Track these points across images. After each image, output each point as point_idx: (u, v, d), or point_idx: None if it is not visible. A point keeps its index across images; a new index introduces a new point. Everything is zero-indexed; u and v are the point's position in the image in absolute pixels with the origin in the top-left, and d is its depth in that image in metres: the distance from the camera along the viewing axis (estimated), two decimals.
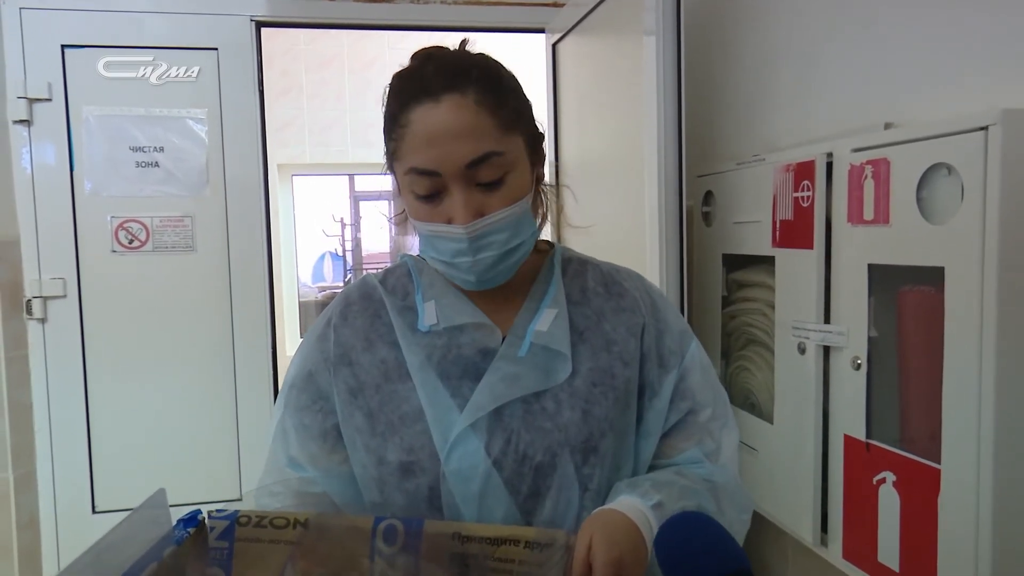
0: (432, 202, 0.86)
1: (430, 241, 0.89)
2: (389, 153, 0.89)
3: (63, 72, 2.32)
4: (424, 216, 0.87)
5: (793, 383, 1.69)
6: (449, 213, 0.85)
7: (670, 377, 0.95)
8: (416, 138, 0.83)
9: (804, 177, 1.61)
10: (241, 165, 2.45)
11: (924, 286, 1.35)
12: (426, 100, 0.82)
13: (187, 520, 0.80)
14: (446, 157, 0.82)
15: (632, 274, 1.03)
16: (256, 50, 2.45)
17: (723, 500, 0.91)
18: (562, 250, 1.03)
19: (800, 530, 1.69)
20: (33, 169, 2.32)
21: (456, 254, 0.86)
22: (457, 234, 0.84)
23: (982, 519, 1.23)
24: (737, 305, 2.00)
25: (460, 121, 0.82)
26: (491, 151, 0.83)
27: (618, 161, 2.13)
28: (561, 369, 0.90)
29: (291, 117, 5.12)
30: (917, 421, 1.41)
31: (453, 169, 0.83)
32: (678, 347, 0.97)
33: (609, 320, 0.95)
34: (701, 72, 2.18)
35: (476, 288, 0.90)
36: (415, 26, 2.58)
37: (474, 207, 0.84)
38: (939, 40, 1.42)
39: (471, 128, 0.82)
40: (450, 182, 0.84)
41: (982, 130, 1.18)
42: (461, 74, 0.84)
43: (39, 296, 2.32)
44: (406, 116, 0.84)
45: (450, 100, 0.82)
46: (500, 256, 0.87)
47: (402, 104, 0.85)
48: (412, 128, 0.83)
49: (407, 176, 0.86)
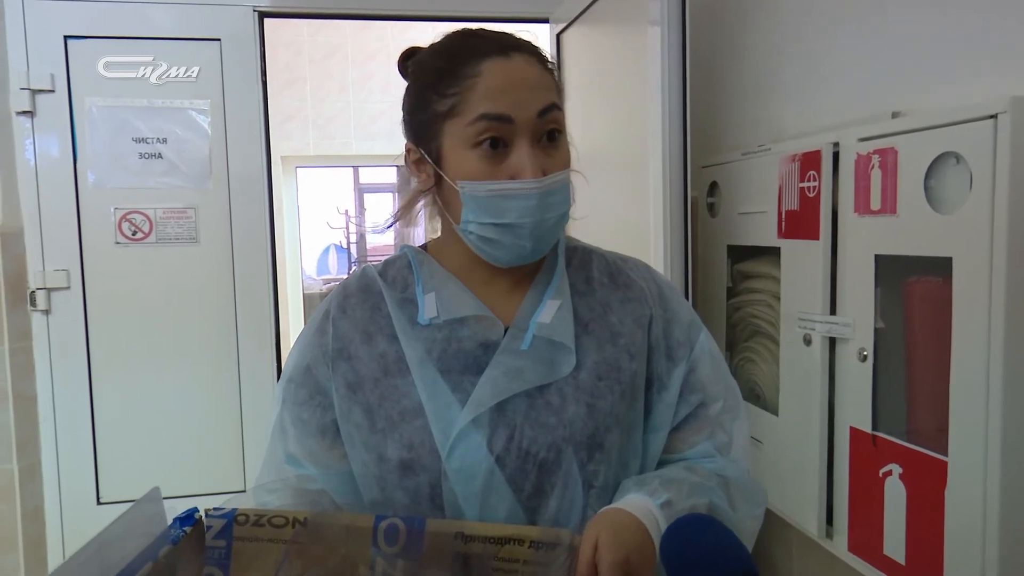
0: (496, 156, 0.83)
1: (487, 203, 0.84)
2: (439, 112, 0.85)
3: (66, 63, 2.31)
4: (484, 174, 0.84)
5: (799, 375, 1.69)
6: (515, 169, 0.83)
7: (679, 370, 0.93)
8: (489, 87, 0.83)
9: (810, 167, 1.60)
10: (244, 157, 2.44)
11: (931, 277, 1.34)
12: (495, 55, 0.84)
13: (183, 519, 0.78)
14: (521, 104, 0.83)
15: (639, 264, 1.01)
16: (259, 41, 2.44)
17: (735, 496, 0.89)
18: (566, 239, 1.01)
19: (805, 523, 1.69)
20: (36, 160, 2.31)
21: (522, 213, 0.84)
22: (527, 189, 0.83)
23: (989, 512, 1.22)
24: (742, 296, 1.99)
25: (532, 73, 0.85)
26: (556, 103, 0.86)
27: (623, 152, 2.12)
28: (565, 362, 0.88)
29: (295, 109, 5.11)
30: (924, 413, 1.40)
31: (526, 115, 0.83)
32: (687, 338, 0.95)
33: (615, 311, 0.93)
34: (706, 61, 2.17)
35: (517, 261, 0.88)
36: (419, 16, 2.57)
37: (540, 164, 0.84)
38: (947, 28, 1.40)
39: (540, 80, 0.86)
40: (519, 134, 0.83)
41: (991, 118, 1.17)
42: (520, 41, 0.87)
43: (43, 287, 2.32)
44: (474, 68, 0.84)
45: (519, 57, 0.85)
46: (557, 220, 0.86)
47: (466, 59, 0.85)
48: (483, 78, 0.83)
49: (473, 126, 0.83)
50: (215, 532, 0.78)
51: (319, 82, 5.14)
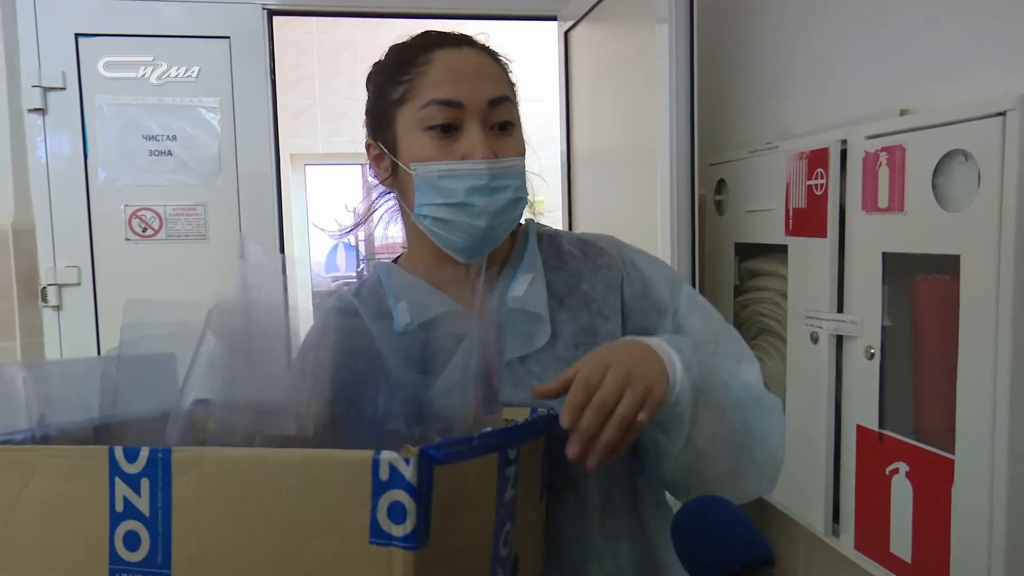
0: (446, 139, 0.85)
1: (439, 184, 0.86)
2: (393, 100, 0.88)
3: (77, 61, 2.32)
4: (436, 155, 0.85)
5: (806, 373, 1.68)
6: (465, 150, 0.85)
7: (665, 322, 0.93)
8: (440, 73, 0.85)
9: (818, 165, 1.60)
10: (253, 154, 2.45)
11: (939, 275, 1.34)
12: (447, 46, 0.88)
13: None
14: (471, 90, 0.85)
15: (609, 238, 1.01)
16: (268, 39, 2.45)
17: (740, 386, 0.88)
18: (535, 225, 1.02)
19: (812, 520, 1.69)
20: (48, 158, 2.33)
21: (471, 192, 0.85)
22: (477, 169, 0.84)
23: (996, 510, 1.21)
24: (749, 294, 1.99)
25: (482, 63, 0.88)
26: (507, 95, 0.88)
27: (630, 149, 2.12)
28: (540, 333, 0.89)
29: (303, 107, 5.12)
30: (931, 411, 1.39)
31: (476, 102, 0.85)
32: (669, 293, 0.95)
33: (587, 280, 0.94)
34: (714, 59, 2.16)
35: (474, 245, 0.88)
36: (427, 14, 2.57)
37: (491, 147, 0.85)
38: (954, 25, 1.40)
39: (491, 72, 0.89)
40: (469, 118, 0.85)
41: (999, 116, 1.16)
42: (474, 39, 0.91)
43: (54, 284, 2.34)
44: (426, 56, 0.86)
45: (470, 49, 0.89)
46: (510, 204, 0.87)
47: (419, 50, 0.87)
48: (435, 65, 0.86)
49: (424, 110, 0.85)
50: None
51: (328, 80, 5.14)
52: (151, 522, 0.59)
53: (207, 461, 0.58)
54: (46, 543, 0.62)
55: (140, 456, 0.59)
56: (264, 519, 0.57)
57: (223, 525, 0.58)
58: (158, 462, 0.58)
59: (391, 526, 0.53)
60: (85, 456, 0.61)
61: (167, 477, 0.58)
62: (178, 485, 0.58)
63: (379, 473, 0.53)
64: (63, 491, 0.62)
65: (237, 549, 0.58)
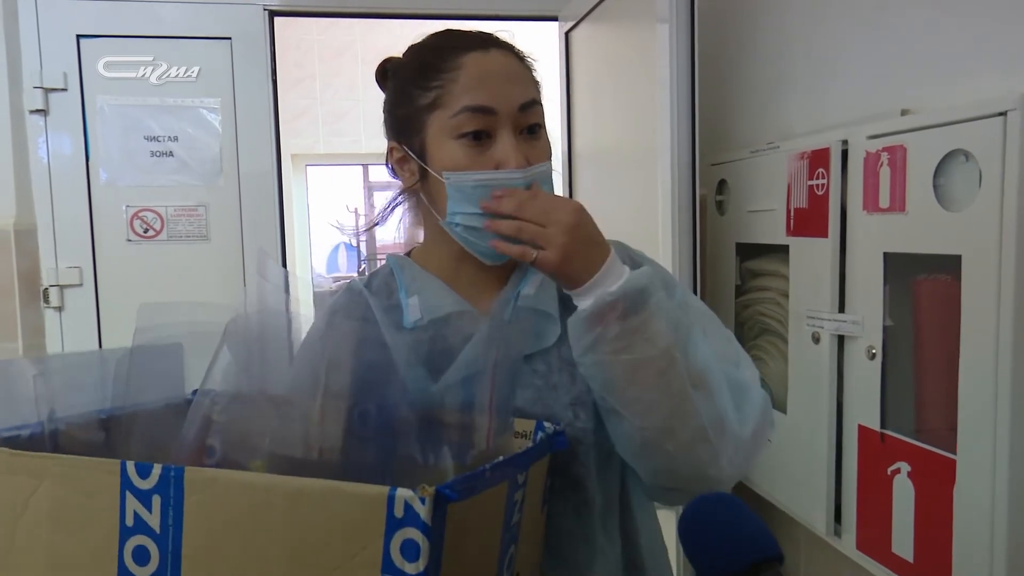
0: (479, 147, 0.85)
1: (473, 194, 0.85)
2: (422, 105, 0.87)
3: (78, 62, 2.33)
4: (469, 165, 0.85)
5: (807, 373, 1.68)
6: (499, 158, 0.84)
7: None
8: (471, 79, 0.84)
9: (819, 165, 1.60)
10: (254, 155, 2.45)
11: (941, 275, 1.34)
12: (476, 49, 0.86)
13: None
14: (503, 96, 0.84)
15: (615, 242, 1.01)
16: (269, 39, 2.45)
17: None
18: None
19: (813, 521, 1.69)
20: (50, 158, 2.33)
21: None
22: (513, 178, 0.84)
23: (998, 510, 1.21)
24: (751, 294, 1.99)
25: (512, 67, 0.88)
26: (536, 99, 0.88)
27: (631, 150, 2.12)
28: (550, 331, 0.89)
29: (304, 107, 5.13)
30: (933, 411, 1.39)
31: (508, 108, 0.84)
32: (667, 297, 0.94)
33: None
34: (715, 59, 2.16)
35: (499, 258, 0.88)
36: (428, 14, 2.57)
37: (523, 153, 0.85)
38: (955, 25, 1.40)
39: (520, 74, 0.88)
40: (500, 125, 0.84)
41: (1000, 116, 1.16)
42: (499, 39, 0.90)
43: (56, 284, 2.34)
44: (456, 61, 0.85)
45: (498, 52, 0.88)
46: None
47: (447, 54, 0.86)
48: (466, 71, 0.85)
49: (456, 118, 0.84)
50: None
51: (329, 80, 5.15)
52: (161, 539, 0.59)
53: (220, 483, 0.58)
54: (53, 550, 0.63)
55: (152, 473, 0.58)
56: (275, 545, 0.56)
57: (233, 548, 0.58)
58: (170, 480, 0.58)
59: (404, 563, 0.53)
60: (97, 468, 0.61)
61: (179, 495, 0.58)
62: (190, 504, 0.58)
63: (394, 510, 0.53)
64: (73, 501, 0.62)
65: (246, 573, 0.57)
